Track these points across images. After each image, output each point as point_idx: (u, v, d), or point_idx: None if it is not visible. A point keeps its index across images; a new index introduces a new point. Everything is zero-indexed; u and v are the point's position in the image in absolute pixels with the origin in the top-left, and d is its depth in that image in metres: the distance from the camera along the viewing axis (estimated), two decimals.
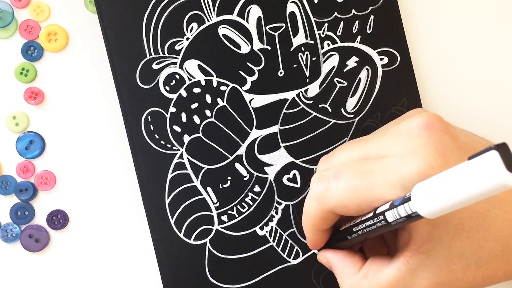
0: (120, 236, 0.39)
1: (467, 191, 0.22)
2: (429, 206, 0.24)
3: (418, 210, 0.25)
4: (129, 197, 0.39)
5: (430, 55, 0.40)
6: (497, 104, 0.41)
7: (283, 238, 0.38)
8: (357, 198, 0.30)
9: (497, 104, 0.41)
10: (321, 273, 0.38)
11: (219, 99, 0.37)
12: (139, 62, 0.37)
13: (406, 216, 0.26)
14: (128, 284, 0.39)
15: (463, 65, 0.40)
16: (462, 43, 0.40)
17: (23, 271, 0.39)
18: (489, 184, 0.21)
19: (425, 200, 0.24)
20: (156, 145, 0.37)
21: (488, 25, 0.40)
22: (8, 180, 0.39)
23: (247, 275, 0.38)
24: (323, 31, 0.38)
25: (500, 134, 0.40)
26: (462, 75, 0.40)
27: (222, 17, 0.37)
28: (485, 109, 0.41)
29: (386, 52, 0.38)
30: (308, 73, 0.38)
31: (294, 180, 0.38)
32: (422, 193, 0.25)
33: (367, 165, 0.30)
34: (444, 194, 0.23)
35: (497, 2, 0.41)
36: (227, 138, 0.37)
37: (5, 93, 0.39)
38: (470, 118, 0.40)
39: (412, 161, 0.28)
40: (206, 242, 0.37)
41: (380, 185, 0.29)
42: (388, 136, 0.31)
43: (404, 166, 0.28)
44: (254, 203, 0.38)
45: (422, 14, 0.40)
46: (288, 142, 0.38)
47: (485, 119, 0.41)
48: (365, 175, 0.30)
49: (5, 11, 0.38)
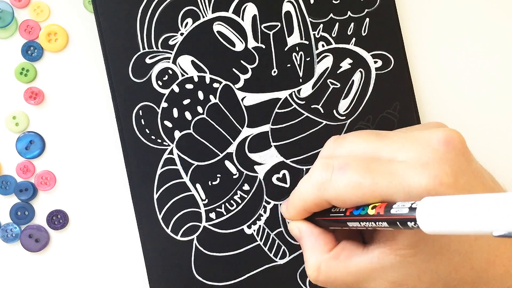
0: (120, 236, 0.39)
1: (479, 225, 0.22)
2: (433, 225, 0.24)
3: (420, 224, 0.24)
4: (129, 196, 0.39)
5: (427, 59, 0.40)
6: (493, 109, 0.41)
7: (271, 237, 0.38)
8: (357, 195, 0.29)
9: (493, 109, 0.41)
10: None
11: (211, 96, 0.37)
12: (132, 55, 0.36)
13: (404, 225, 0.26)
14: (114, 278, 0.39)
15: (460, 69, 0.40)
16: (460, 47, 0.40)
17: (23, 271, 0.39)
18: (504, 228, 0.21)
19: (431, 216, 0.24)
20: (146, 140, 0.37)
21: (485, 30, 0.41)
22: (8, 180, 0.39)
23: (233, 273, 0.37)
24: (318, 32, 0.38)
25: (495, 139, 0.40)
26: (459, 79, 0.40)
27: (218, 13, 0.37)
28: (481, 114, 0.41)
29: (380, 55, 0.38)
30: (302, 73, 0.38)
31: (284, 179, 0.38)
32: (430, 209, 0.24)
33: (375, 164, 0.30)
34: (453, 218, 0.23)
35: (495, 7, 0.41)
36: (218, 136, 0.37)
37: (5, 93, 0.39)
38: (466, 123, 0.40)
39: (423, 173, 0.28)
40: (193, 238, 0.37)
41: (384, 187, 0.29)
42: (405, 141, 0.31)
43: (414, 176, 0.28)
44: (242, 201, 0.37)
45: (420, 18, 0.40)
46: (279, 142, 0.38)
47: (481, 123, 0.41)
48: (371, 174, 0.29)
49: (5, 11, 0.38)
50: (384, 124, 0.38)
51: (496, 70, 0.41)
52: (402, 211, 0.26)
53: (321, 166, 0.31)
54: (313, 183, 0.32)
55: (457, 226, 0.23)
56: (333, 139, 0.34)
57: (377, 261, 0.30)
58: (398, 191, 0.28)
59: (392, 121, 0.38)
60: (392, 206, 0.27)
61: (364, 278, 0.30)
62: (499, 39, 0.41)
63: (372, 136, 0.32)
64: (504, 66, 0.41)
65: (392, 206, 0.27)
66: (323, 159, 0.32)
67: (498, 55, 0.41)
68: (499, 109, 0.41)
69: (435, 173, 0.28)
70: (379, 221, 0.28)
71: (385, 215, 0.28)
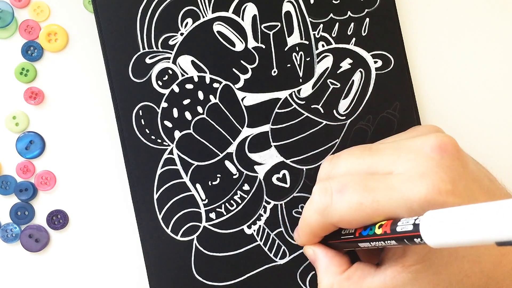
0: (120, 236, 0.39)
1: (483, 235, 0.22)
2: (438, 238, 0.24)
3: (425, 239, 0.24)
4: (129, 196, 0.39)
5: (427, 59, 0.40)
6: (493, 108, 0.41)
7: (271, 237, 0.38)
8: (360, 215, 0.30)
9: (493, 108, 0.41)
10: (307, 274, 0.38)
11: (211, 96, 0.37)
12: (132, 55, 0.36)
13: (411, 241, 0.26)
14: (114, 278, 0.39)
15: (460, 69, 0.40)
16: (460, 47, 0.40)
17: (23, 271, 0.39)
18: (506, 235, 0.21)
19: (435, 231, 0.24)
20: (146, 140, 0.37)
21: (486, 30, 0.40)
22: (8, 180, 0.39)
23: (233, 273, 0.37)
24: (318, 32, 0.38)
25: (496, 139, 0.40)
26: (459, 79, 0.40)
27: (218, 13, 0.37)
28: (481, 114, 0.41)
29: (380, 55, 0.38)
30: (302, 73, 0.38)
31: (284, 179, 0.38)
32: (433, 223, 0.24)
33: (373, 181, 0.30)
34: (456, 230, 0.23)
35: (495, 7, 0.41)
36: (218, 136, 0.37)
37: (5, 93, 0.39)
38: (466, 122, 0.40)
39: (421, 184, 0.28)
40: (193, 238, 0.37)
41: (385, 204, 0.29)
42: (398, 152, 0.31)
43: (412, 188, 0.28)
44: (242, 201, 0.37)
45: (420, 18, 0.40)
46: (279, 142, 0.38)
47: (481, 123, 0.40)
48: (370, 193, 0.29)
49: (5, 11, 0.38)
50: (384, 124, 0.38)
51: (496, 70, 0.41)
52: (407, 228, 0.26)
53: (319, 191, 0.32)
54: (315, 209, 0.32)
55: (460, 238, 0.23)
56: (328, 160, 0.34)
57: (390, 280, 0.30)
58: (400, 205, 0.28)
59: (392, 121, 0.38)
60: (397, 223, 0.27)
61: None
62: (499, 39, 0.41)
63: (365, 151, 0.32)
64: (504, 66, 0.41)
65: (397, 223, 0.27)
66: (321, 183, 0.33)
67: (498, 55, 0.41)
68: (499, 109, 0.41)
69: (433, 182, 0.28)
70: (387, 240, 0.28)
71: (391, 234, 0.28)
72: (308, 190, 0.38)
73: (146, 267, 0.37)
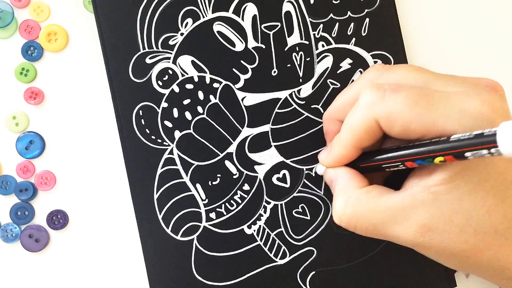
0: (120, 236, 0.39)
1: None
2: None
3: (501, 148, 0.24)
4: (129, 196, 0.39)
5: (427, 59, 0.40)
6: None
7: (271, 237, 0.38)
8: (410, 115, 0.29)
9: None
10: (307, 274, 0.38)
11: (211, 96, 0.37)
12: (132, 55, 0.36)
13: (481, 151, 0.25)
14: (114, 278, 0.39)
15: (460, 69, 0.40)
16: (460, 47, 0.40)
17: (23, 271, 0.39)
18: None
19: None
20: (146, 140, 0.37)
21: (486, 30, 0.41)
22: (8, 180, 0.39)
23: (233, 273, 0.37)
24: (318, 32, 0.38)
25: None
26: None
27: (218, 13, 0.37)
28: None
29: (380, 55, 0.38)
30: (302, 73, 0.38)
31: (284, 179, 0.38)
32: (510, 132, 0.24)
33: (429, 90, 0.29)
34: None
35: (496, 7, 0.41)
36: (218, 136, 0.37)
37: (5, 93, 0.39)
38: None
39: (477, 99, 0.28)
40: (193, 238, 0.37)
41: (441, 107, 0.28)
42: (454, 78, 0.31)
43: (469, 101, 0.28)
44: (242, 201, 0.37)
45: (420, 18, 0.40)
46: (279, 142, 0.38)
47: None
48: (426, 97, 0.29)
49: (5, 11, 0.38)
50: None
51: (496, 70, 0.41)
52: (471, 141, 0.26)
53: (371, 88, 0.30)
54: (363, 105, 0.30)
55: None
56: (377, 66, 0.33)
57: (409, 199, 0.29)
58: (452, 114, 0.28)
59: None
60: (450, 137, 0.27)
61: (391, 218, 0.30)
62: (499, 39, 0.41)
63: (422, 69, 0.32)
64: (504, 66, 0.41)
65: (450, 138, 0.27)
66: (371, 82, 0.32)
67: (498, 55, 0.41)
68: None
69: (488, 99, 0.28)
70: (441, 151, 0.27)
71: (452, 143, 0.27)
72: (308, 190, 0.38)
73: (146, 267, 0.37)
